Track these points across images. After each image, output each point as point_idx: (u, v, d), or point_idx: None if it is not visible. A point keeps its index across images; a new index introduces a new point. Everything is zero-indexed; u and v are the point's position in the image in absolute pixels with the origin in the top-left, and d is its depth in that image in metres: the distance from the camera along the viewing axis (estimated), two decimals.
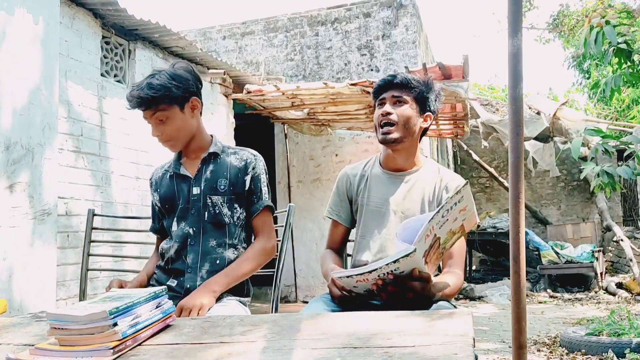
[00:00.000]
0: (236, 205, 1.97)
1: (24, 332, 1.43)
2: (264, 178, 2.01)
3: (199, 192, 1.96)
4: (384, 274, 1.53)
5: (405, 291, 1.55)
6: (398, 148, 1.95)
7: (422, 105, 1.96)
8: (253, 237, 2.05)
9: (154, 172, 2.14)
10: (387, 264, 1.51)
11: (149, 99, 1.86)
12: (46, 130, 3.63)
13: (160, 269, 2.02)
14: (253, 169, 1.99)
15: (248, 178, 1.97)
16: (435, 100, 2.00)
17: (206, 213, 1.95)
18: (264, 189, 2.00)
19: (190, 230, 1.95)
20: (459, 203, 1.58)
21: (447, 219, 1.57)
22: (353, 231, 2.13)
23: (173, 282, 1.93)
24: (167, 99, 1.87)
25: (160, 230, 2.11)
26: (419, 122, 1.96)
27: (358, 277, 1.58)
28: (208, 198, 1.95)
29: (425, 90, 1.96)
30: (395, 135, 1.91)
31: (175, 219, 1.99)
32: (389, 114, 1.91)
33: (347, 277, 1.61)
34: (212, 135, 2.08)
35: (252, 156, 2.02)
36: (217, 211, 1.94)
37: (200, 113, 2.01)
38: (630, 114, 12.20)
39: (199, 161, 2.00)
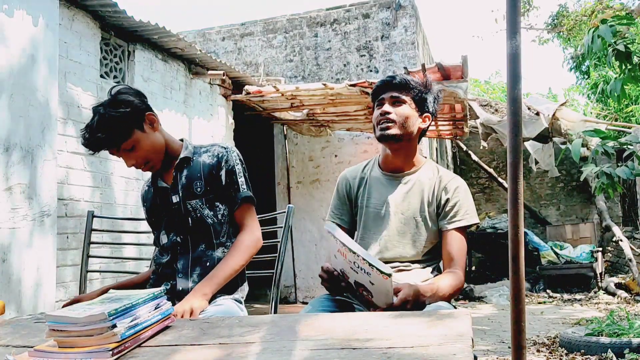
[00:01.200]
0: (217, 204, 1.96)
1: (23, 334, 1.43)
2: (239, 169, 1.97)
3: (178, 200, 1.96)
4: (357, 265, 1.51)
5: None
6: (396, 147, 1.94)
7: (421, 105, 1.95)
8: None
9: (142, 188, 2.16)
10: (363, 258, 1.48)
11: (105, 137, 1.81)
12: (45, 132, 3.63)
13: (154, 274, 2.04)
14: (226, 162, 1.96)
15: (223, 173, 1.95)
16: (434, 102, 1.99)
17: (189, 219, 1.95)
18: (241, 180, 1.96)
19: (178, 239, 1.96)
20: (380, 275, 1.50)
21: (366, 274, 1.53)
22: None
23: (166, 286, 1.93)
24: (124, 127, 1.82)
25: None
26: (418, 123, 1.95)
27: (340, 248, 1.56)
28: (187, 204, 1.95)
29: (424, 91, 1.96)
30: (393, 131, 1.90)
31: (163, 231, 2.02)
32: (387, 113, 1.91)
33: (338, 245, 1.57)
34: (182, 140, 2.05)
35: (223, 150, 1.99)
36: (199, 214, 1.94)
37: (159, 123, 1.98)
38: (628, 110, 12.21)
39: (173, 169, 1.99)
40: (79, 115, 4.26)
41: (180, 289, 1.90)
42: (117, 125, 1.81)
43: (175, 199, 1.96)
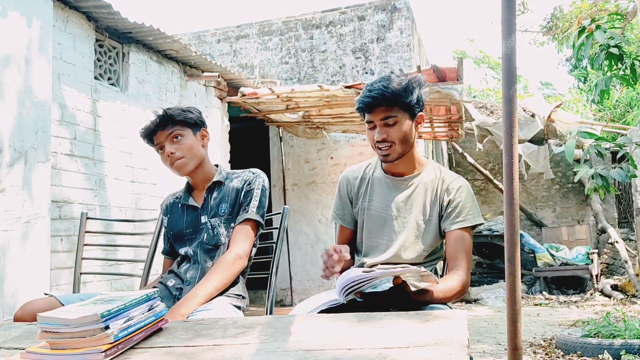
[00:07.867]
0: (232, 224, 2.06)
1: (15, 336, 1.41)
2: (257, 193, 2.07)
3: (206, 220, 2.09)
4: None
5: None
6: (399, 160, 1.93)
7: (411, 110, 1.87)
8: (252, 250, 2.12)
9: (166, 199, 2.28)
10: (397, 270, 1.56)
11: (168, 116, 2.07)
12: (39, 134, 3.61)
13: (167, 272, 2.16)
14: (249, 184, 2.08)
15: (242, 193, 2.07)
16: (421, 98, 1.89)
17: (205, 235, 2.06)
18: (253, 203, 2.05)
19: (190, 251, 2.07)
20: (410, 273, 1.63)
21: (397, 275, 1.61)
22: None
23: (171, 282, 2.05)
24: (184, 119, 2.09)
25: (170, 253, 2.23)
26: (414, 131, 1.90)
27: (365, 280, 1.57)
28: (208, 221, 2.08)
29: (408, 95, 1.85)
30: (395, 154, 1.88)
31: (181, 244, 2.13)
32: (384, 140, 1.86)
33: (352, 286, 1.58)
34: (217, 165, 2.20)
35: (251, 174, 2.12)
36: (215, 232, 2.05)
37: (207, 143, 2.18)
38: (627, 118, 12.23)
39: (205, 191, 2.13)
40: (73, 117, 4.24)
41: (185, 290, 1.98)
42: (183, 113, 2.10)
43: (204, 219, 2.09)
